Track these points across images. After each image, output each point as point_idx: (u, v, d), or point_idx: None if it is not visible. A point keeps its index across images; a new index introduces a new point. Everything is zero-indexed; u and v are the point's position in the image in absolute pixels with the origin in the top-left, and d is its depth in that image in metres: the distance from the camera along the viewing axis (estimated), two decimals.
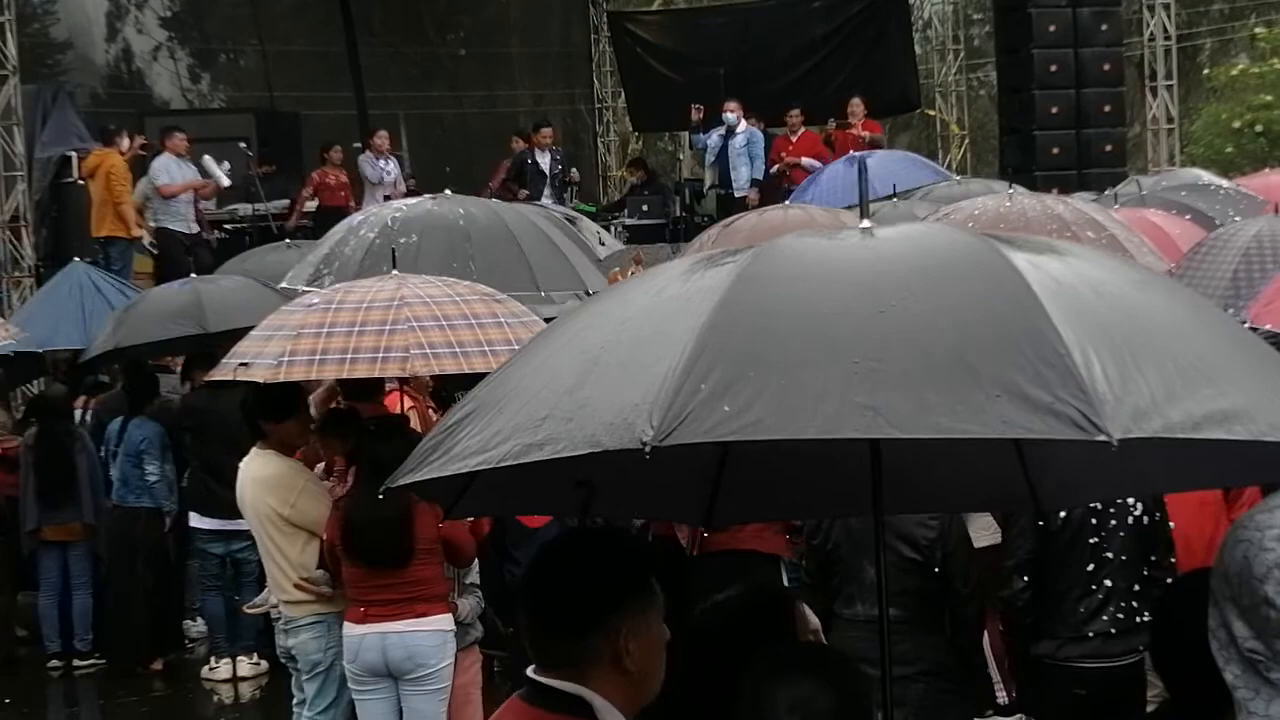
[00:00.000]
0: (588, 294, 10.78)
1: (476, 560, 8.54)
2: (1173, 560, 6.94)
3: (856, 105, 21.97)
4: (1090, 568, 6.88)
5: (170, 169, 19.71)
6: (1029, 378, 2.95)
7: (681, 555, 8.75)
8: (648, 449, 2.95)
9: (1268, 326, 7.47)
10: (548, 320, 10.87)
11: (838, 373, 2.99)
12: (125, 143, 19.94)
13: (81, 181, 20.63)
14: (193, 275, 12.69)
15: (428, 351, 7.26)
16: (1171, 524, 6.97)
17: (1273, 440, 3.01)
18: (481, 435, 3.28)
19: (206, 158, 20.36)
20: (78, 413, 13.64)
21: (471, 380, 6.11)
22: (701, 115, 22.84)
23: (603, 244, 10.90)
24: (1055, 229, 9.62)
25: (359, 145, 23.40)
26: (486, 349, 7.33)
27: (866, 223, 3.57)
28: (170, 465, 12.36)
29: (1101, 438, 2.87)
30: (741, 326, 3.15)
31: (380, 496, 7.63)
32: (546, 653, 3.50)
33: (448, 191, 10.40)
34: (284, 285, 10.10)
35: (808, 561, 7.39)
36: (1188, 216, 12.31)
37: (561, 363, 3.34)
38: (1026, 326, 3.06)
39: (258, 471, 8.46)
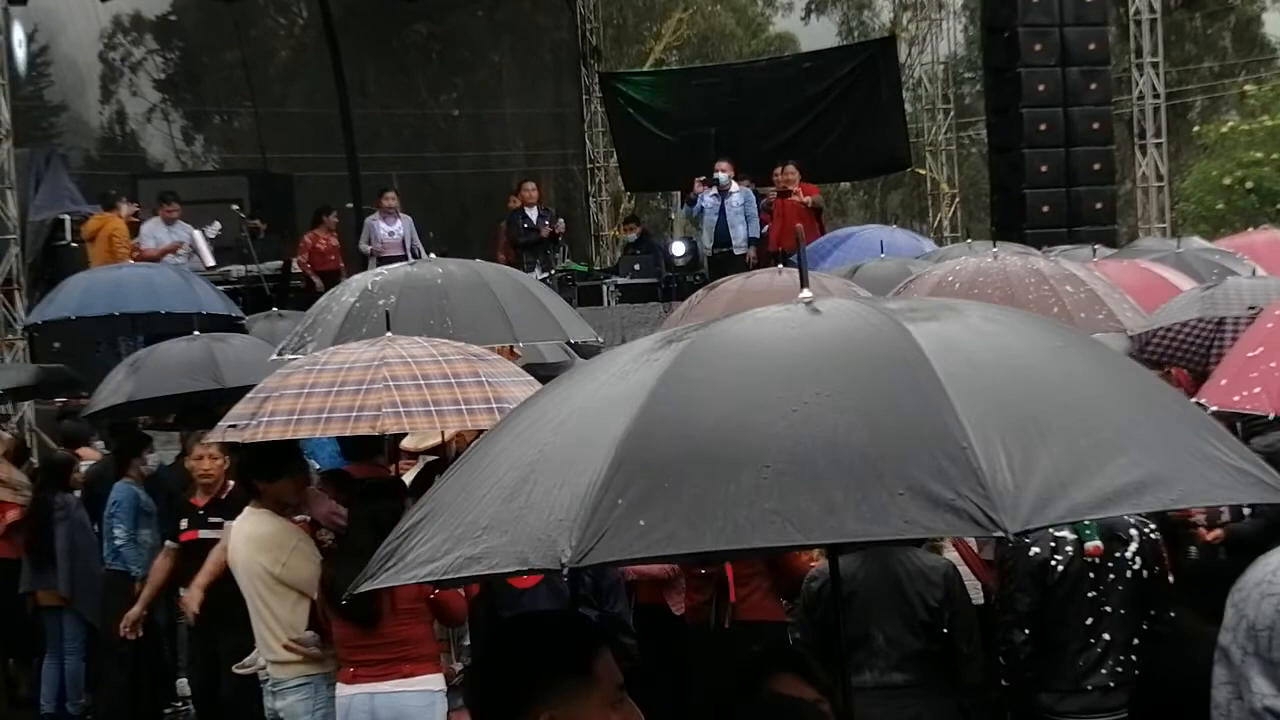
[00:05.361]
0: (569, 343, 10.71)
1: (469, 623, 8.52)
2: (1172, 614, 6.98)
3: (792, 172, 21.53)
4: (1089, 621, 6.91)
5: (159, 235, 19.83)
6: (931, 474, 2.99)
7: (679, 628, 8.79)
8: (565, 571, 3.01)
9: (1214, 407, 7.42)
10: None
11: (749, 479, 3.04)
12: (124, 208, 20.05)
13: (75, 244, 20.70)
14: (197, 332, 12.59)
15: (400, 410, 7.25)
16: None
17: (1184, 507, 3.04)
18: (431, 543, 3.34)
19: (196, 233, 20.39)
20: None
21: None
22: (704, 187, 22.60)
23: None
24: (1034, 282, 9.66)
25: (350, 205, 23.44)
26: (463, 407, 7.33)
27: (806, 294, 3.61)
28: (148, 530, 12.21)
29: (999, 533, 2.92)
30: (660, 434, 3.19)
31: (357, 556, 7.73)
32: None
33: (431, 255, 10.46)
34: (273, 358, 10.09)
35: (804, 633, 7.35)
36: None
37: (504, 466, 3.38)
38: (930, 419, 3.09)
39: (250, 530, 8.45)
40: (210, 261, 20.57)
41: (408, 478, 9.89)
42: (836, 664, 6.87)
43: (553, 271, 21.59)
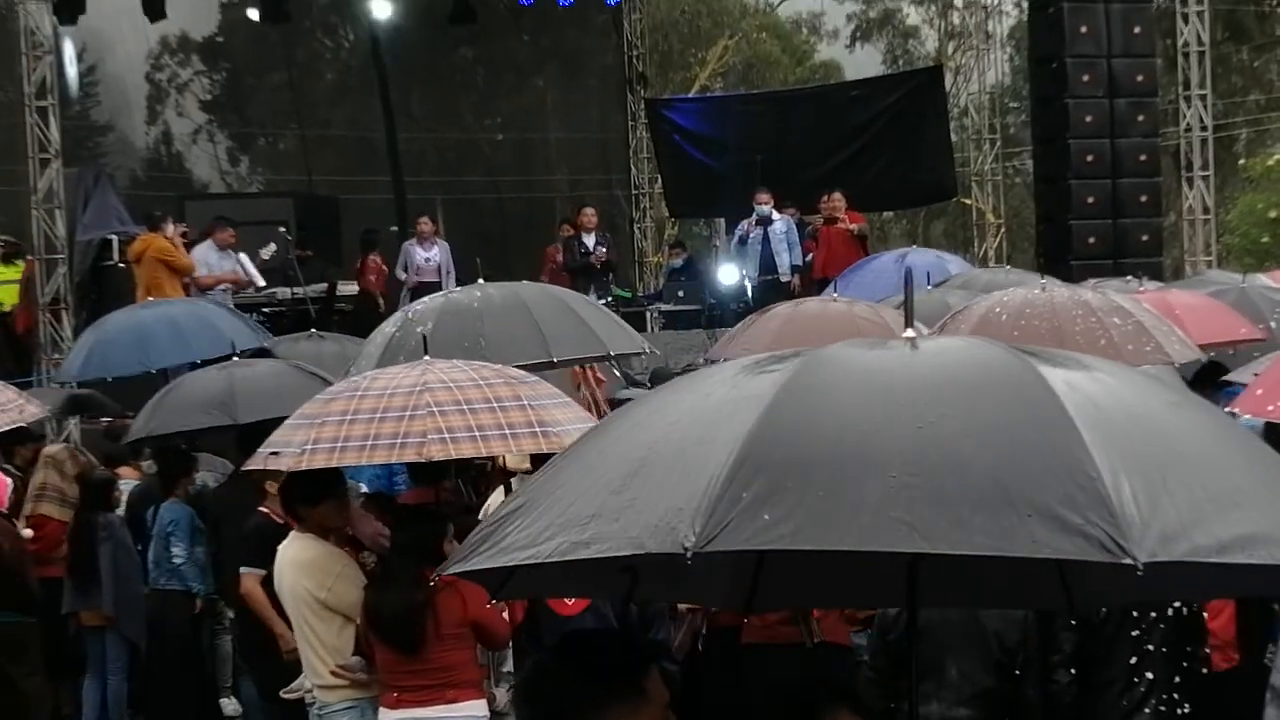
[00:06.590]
0: (610, 356, 10.70)
1: (511, 649, 8.50)
2: (1207, 651, 6.93)
3: (838, 200, 21.58)
4: (1133, 660, 6.84)
5: (210, 260, 19.83)
6: (1060, 499, 3.04)
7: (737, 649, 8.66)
8: (689, 555, 3.04)
9: (1247, 416, 7.39)
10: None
11: (875, 486, 3.08)
12: (169, 228, 20.07)
13: (123, 264, 20.73)
14: (234, 358, 12.62)
15: (445, 436, 7.23)
16: None
17: None
18: (530, 530, 3.37)
19: (243, 256, 20.40)
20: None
21: None
22: (753, 226, 22.45)
23: None
24: (1081, 314, 9.60)
25: (394, 229, 23.50)
26: (507, 432, 7.32)
27: (911, 332, 3.66)
28: (201, 548, 12.30)
29: (1128, 560, 2.95)
30: (785, 437, 3.25)
31: (400, 582, 7.74)
32: None
33: (481, 281, 10.44)
34: None
35: (874, 657, 7.29)
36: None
37: (611, 461, 3.44)
38: (1060, 449, 3.14)
39: (296, 555, 8.45)
40: (261, 283, 20.65)
41: (495, 498, 9.89)
42: (904, 694, 6.91)
43: (609, 298, 21.59)
